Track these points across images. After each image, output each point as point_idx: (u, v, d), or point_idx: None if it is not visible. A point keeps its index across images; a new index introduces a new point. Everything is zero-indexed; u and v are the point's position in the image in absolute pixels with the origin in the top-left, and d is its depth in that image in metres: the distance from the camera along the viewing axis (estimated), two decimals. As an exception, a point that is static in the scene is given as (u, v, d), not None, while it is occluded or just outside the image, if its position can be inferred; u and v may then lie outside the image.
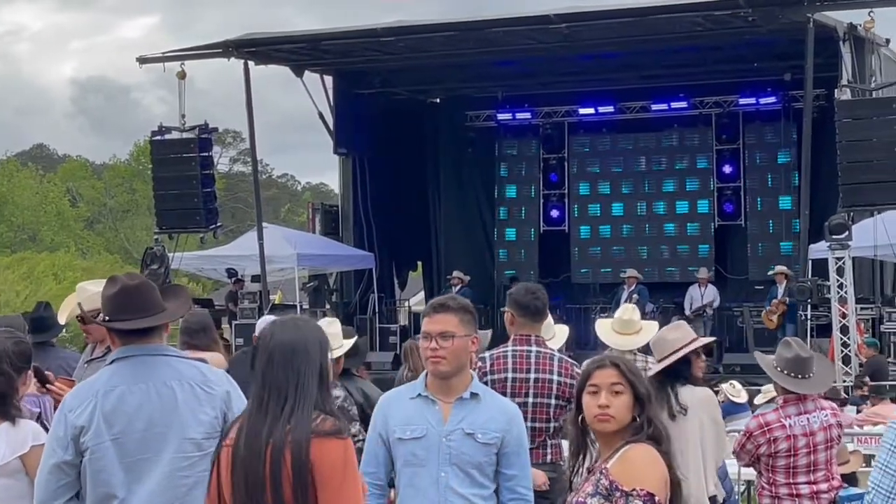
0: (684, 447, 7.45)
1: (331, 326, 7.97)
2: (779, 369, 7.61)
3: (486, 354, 7.33)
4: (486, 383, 7.06)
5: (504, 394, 6.99)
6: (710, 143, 28.01)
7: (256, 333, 11.57)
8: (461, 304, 5.58)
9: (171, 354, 5.14)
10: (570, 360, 7.52)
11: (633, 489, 4.53)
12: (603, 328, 9.18)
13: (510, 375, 7.26)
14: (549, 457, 7.31)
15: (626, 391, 4.69)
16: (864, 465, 10.48)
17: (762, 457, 7.60)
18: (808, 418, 7.57)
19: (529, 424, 7.10)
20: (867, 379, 18.14)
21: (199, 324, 8.36)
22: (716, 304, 24.96)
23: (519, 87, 28.84)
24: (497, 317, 23.60)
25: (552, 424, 7.31)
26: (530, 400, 7.22)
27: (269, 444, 4.10)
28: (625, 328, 9.07)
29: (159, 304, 5.09)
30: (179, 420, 4.91)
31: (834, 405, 8.16)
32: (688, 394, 7.51)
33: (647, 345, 9.42)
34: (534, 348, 7.35)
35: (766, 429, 7.57)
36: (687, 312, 24.74)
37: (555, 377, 7.29)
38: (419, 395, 5.54)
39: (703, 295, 24.90)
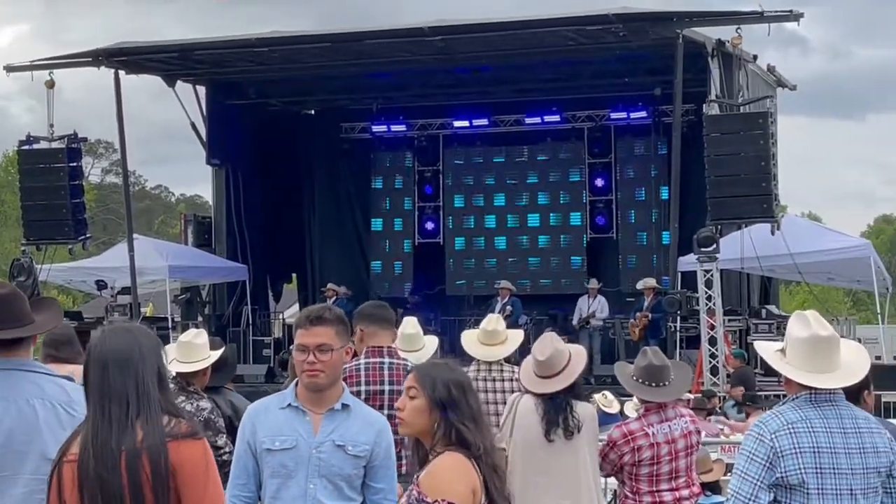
0: (577, 464, 7.52)
1: (198, 338, 7.90)
2: (635, 378, 7.70)
3: None
4: None
5: None
6: (583, 156, 28.30)
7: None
8: (337, 315, 5.53)
9: (37, 371, 4.99)
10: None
11: (436, 500, 4.46)
12: (468, 340, 9.20)
13: (363, 388, 7.21)
14: (403, 468, 7.31)
15: (420, 396, 4.62)
16: (726, 473, 10.62)
17: (626, 466, 7.66)
18: (669, 426, 7.66)
19: None
20: (741, 389, 18.42)
21: (64, 336, 8.18)
22: (604, 314, 25.09)
23: (394, 99, 28.87)
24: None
25: None
26: (385, 412, 7.20)
27: (123, 453, 3.99)
28: (490, 339, 9.09)
29: (28, 316, 4.95)
30: (40, 440, 4.74)
31: (692, 412, 8.28)
32: (581, 410, 7.59)
33: (515, 354, 9.50)
34: (387, 360, 7.32)
35: (629, 437, 7.63)
36: (574, 323, 24.94)
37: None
38: (289, 405, 5.45)
39: (590, 306, 25.06)
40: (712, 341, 20.52)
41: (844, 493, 4.83)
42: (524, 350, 9.14)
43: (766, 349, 5.15)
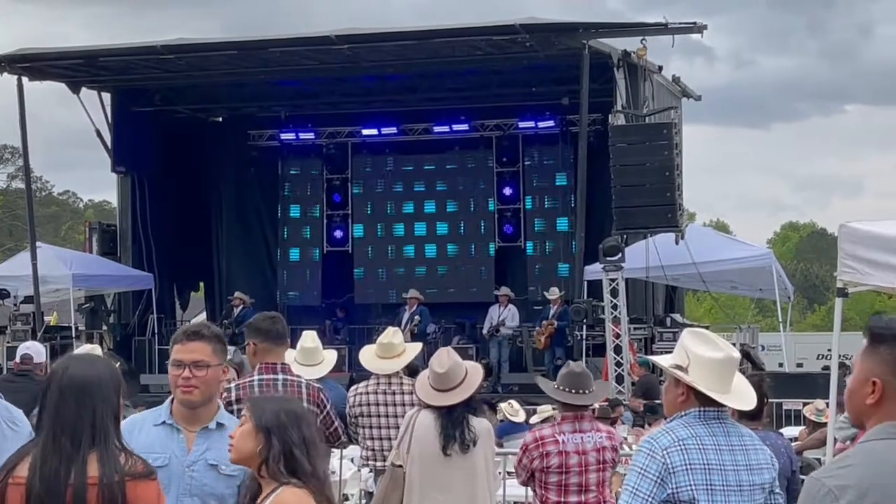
0: (474, 478, 7.54)
1: (91, 353, 7.79)
2: (557, 387, 7.78)
3: (232, 385, 7.19)
4: (231, 412, 6.99)
5: None
6: (491, 165, 28.39)
7: (18, 359, 11.30)
8: (215, 332, 5.46)
9: None
10: (318, 385, 7.46)
11: None
12: (366, 355, 9.17)
13: None
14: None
15: (248, 421, 4.50)
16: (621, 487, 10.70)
17: (535, 472, 7.70)
18: (582, 437, 7.71)
19: None
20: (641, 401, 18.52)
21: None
22: (514, 323, 25.10)
23: (302, 106, 28.78)
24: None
25: None
26: None
27: (70, 486, 3.96)
28: (386, 352, 9.08)
29: None
30: None
31: (611, 430, 8.35)
32: (477, 424, 7.62)
33: (414, 367, 9.50)
34: (280, 376, 7.22)
35: (539, 442, 7.70)
36: (485, 332, 24.98)
37: (304, 405, 7.24)
38: (164, 422, 5.36)
39: (501, 315, 25.09)
40: (617, 350, 20.65)
41: (732, 510, 4.89)
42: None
43: (663, 364, 5.18)
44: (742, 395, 5.13)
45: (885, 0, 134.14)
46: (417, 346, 9.55)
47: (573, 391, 7.72)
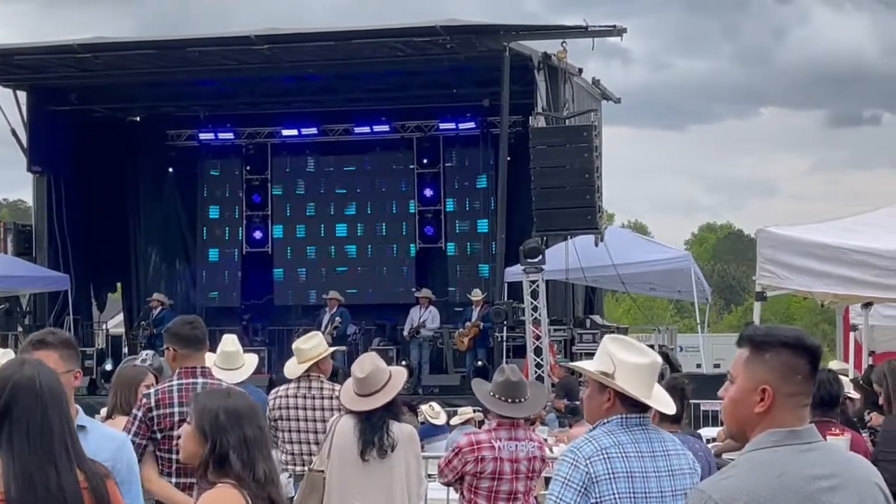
0: (392, 484, 7.51)
1: (3, 357, 7.67)
2: (492, 394, 7.75)
3: (151, 390, 7.15)
4: (151, 419, 6.93)
5: (171, 428, 6.87)
6: (412, 166, 28.37)
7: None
8: (61, 338, 5.45)
9: None
10: (239, 390, 7.40)
11: None
12: (289, 366, 9.05)
13: (177, 410, 7.07)
14: None
15: (191, 421, 4.49)
16: (544, 489, 10.72)
17: (467, 475, 7.69)
18: (516, 445, 7.71)
19: None
20: (564, 401, 18.59)
21: None
22: (434, 325, 25.06)
23: (222, 106, 28.58)
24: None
25: None
26: None
27: (66, 494, 3.91)
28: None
29: None
30: None
31: (542, 439, 8.34)
32: (397, 429, 7.58)
33: (335, 370, 9.45)
34: (200, 380, 7.19)
35: (476, 447, 7.68)
36: (405, 333, 24.94)
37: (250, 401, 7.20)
38: None
39: (421, 316, 25.06)
40: (538, 351, 20.71)
41: (655, 517, 4.91)
42: (351, 361, 9.11)
43: (589, 370, 5.17)
44: (663, 400, 5.19)
45: (796, 4, 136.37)
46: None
47: (509, 400, 7.71)
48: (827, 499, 3.53)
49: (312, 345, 9.07)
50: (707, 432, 14.27)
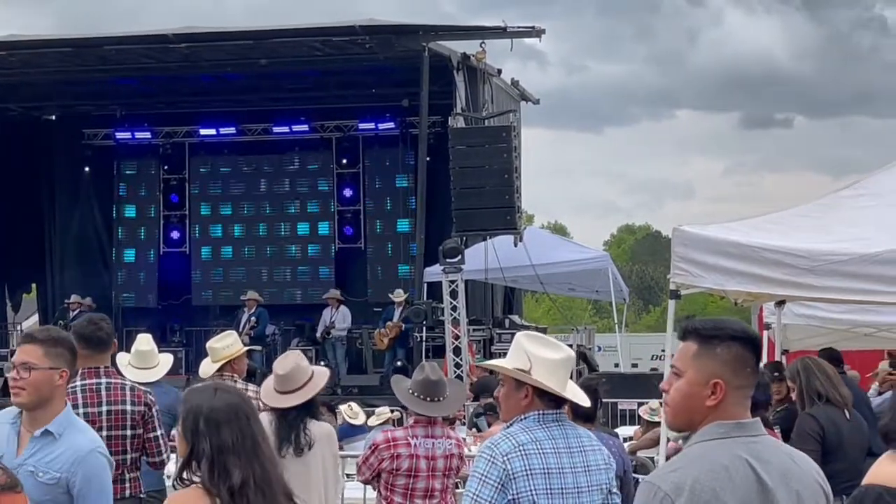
0: (308, 482, 7.51)
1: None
2: (411, 392, 7.77)
3: None
4: None
5: None
6: (331, 166, 28.31)
7: None
8: (52, 336, 5.44)
9: None
10: (144, 388, 7.44)
11: None
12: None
13: (81, 411, 7.06)
14: (128, 491, 7.20)
15: (179, 423, 4.39)
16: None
17: (383, 473, 7.71)
18: (433, 443, 7.73)
19: None
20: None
21: None
22: (345, 324, 25.03)
23: (139, 105, 28.35)
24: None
25: (129, 456, 7.22)
26: (104, 433, 7.07)
27: None
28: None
29: None
30: None
31: (460, 438, 8.38)
32: (315, 428, 7.59)
33: (252, 369, 9.42)
34: (104, 380, 7.23)
35: (392, 444, 7.70)
36: (318, 335, 24.89)
37: (128, 407, 7.22)
38: (13, 421, 5.40)
39: (332, 317, 25.02)
40: (457, 351, 20.78)
41: (572, 512, 4.97)
42: (271, 362, 9.09)
43: (506, 368, 5.21)
44: (579, 394, 5.27)
45: (709, 5, 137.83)
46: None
47: (427, 399, 7.74)
48: (773, 491, 3.58)
49: (226, 344, 9.04)
50: (624, 431, 14.43)
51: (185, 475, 4.19)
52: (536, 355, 5.13)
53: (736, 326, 3.73)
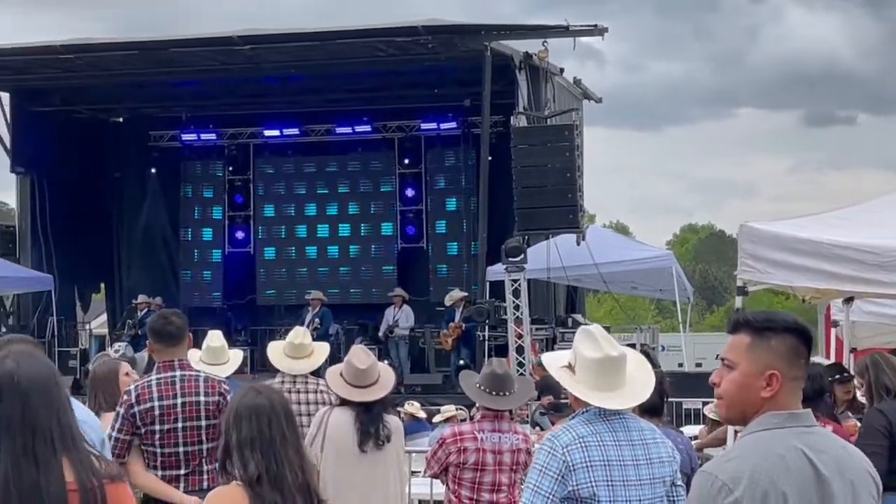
0: (387, 474, 7.59)
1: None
2: (479, 387, 7.83)
3: (132, 387, 7.25)
4: (133, 415, 7.04)
5: (153, 423, 7.01)
6: (393, 166, 28.41)
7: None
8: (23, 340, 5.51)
9: None
10: (218, 378, 7.54)
11: None
12: (274, 351, 9.16)
13: (156, 403, 7.19)
14: (205, 482, 7.28)
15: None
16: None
17: (451, 466, 7.78)
18: (500, 437, 7.79)
19: (182, 449, 7.10)
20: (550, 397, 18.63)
21: None
22: (408, 324, 25.13)
23: (204, 107, 28.59)
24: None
25: (205, 446, 7.29)
26: (179, 424, 7.19)
27: (50, 496, 3.62)
28: (296, 352, 9.08)
29: None
30: None
31: (527, 434, 8.42)
32: (388, 421, 7.70)
33: (322, 368, 9.51)
34: (178, 373, 7.32)
35: (458, 437, 7.77)
36: (381, 334, 25.00)
37: (202, 398, 7.30)
38: None
39: (395, 316, 25.12)
40: (520, 350, 20.75)
41: (633, 504, 4.99)
42: (335, 360, 9.18)
43: (552, 365, 5.25)
44: (629, 393, 5.16)
45: (769, 2, 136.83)
46: (326, 347, 9.56)
47: (494, 393, 7.79)
48: (828, 480, 3.60)
49: (307, 342, 9.21)
50: (689, 430, 14.36)
51: (227, 467, 4.51)
52: (579, 352, 5.16)
53: (788, 318, 3.76)
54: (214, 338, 9.29)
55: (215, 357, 9.08)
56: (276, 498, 4.43)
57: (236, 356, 9.32)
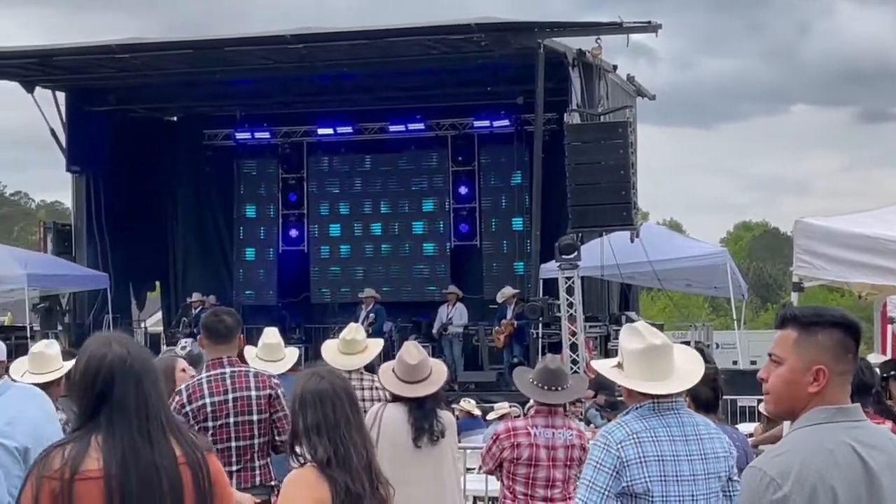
0: (442, 470, 7.61)
1: (50, 348, 7.82)
2: (532, 382, 7.85)
3: (183, 386, 7.32)
4: (186, 414, 7.09)
5: (205, 419, 7.06)
6: (446, 164, 28.42)
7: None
8: None
9: None
10: (268, 373, 7.60)
11: None
12: (329, 350, 9.23)
13: (208, 401, 7.26)
14: (258, 478, 7.32)
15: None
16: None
17: (505, 462, 7.81)
18: (553, 432, 7.81)
19: (234, 444, 7.14)
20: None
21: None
22: (462, 321, 25.16)
23: (257, 106, 28.74)
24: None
25: (257, 441, 7.33)
26: (231, 420, 7.24)
27: (164, 472, 3.94)
28: (349, 348, 9.13)
29: None
30: None
31: (581, 429, 8.43)
32: (442, 416, 7.71)
33: (371, 363, 9.57)
34: (227, 369, 7.39)
35: (512, 433, 7.81)
36: (434, 332, 25.04)
37: (253, 392, 7.35)
38: None
39: (449, 314, 25.15)
40: (573, 347, 20.72)
41: (687, 500, 4.98)
42: (389, 358, 9.22)
43: (603, 366, 5.28)
44: (677, 379, 5.14)
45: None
46: (379, 343, 9.61)
47: (547, 388, 7.80)
48: (878, 476, 3.58)
49: (360, 338, 9.27)
50: (744, 427, 14.28)
51: (297, 450, 4.77)
52: (624, 347, 5.19)
53: (836, 313, 3.75)
54: (271, 335, 9.36)
55: (272, 354, 9.15)
56: (345, 479, 4.67)
57: (292, 353, 9.38)
